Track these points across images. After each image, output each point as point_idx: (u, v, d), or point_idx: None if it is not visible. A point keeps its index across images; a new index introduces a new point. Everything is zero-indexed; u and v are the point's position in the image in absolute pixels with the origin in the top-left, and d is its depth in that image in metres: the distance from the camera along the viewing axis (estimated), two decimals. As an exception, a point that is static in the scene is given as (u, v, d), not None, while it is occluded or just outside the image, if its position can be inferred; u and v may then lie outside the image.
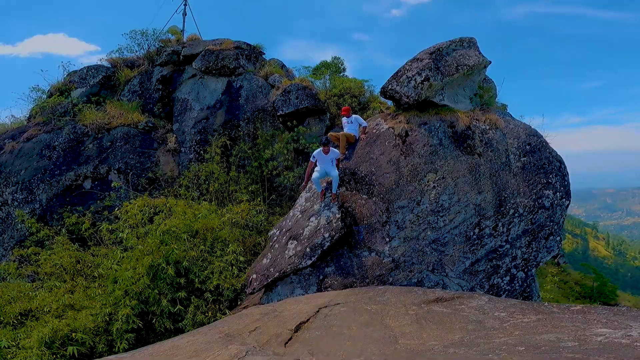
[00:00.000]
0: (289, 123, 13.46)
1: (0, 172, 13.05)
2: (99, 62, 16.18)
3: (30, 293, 8.24)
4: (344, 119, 9.50)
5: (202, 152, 13.56)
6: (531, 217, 8.60)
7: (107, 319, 7.15)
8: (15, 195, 12.81)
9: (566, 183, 9.06)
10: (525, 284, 8.56)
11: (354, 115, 9.46)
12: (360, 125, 9.36)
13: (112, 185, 12.23)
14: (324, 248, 7.69)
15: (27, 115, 15.18)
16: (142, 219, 9.53)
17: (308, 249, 7.69)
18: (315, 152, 8.43)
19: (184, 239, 8.66)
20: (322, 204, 8.27)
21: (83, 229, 10.31)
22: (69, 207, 12.32)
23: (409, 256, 7.88)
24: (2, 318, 7.52)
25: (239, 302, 8.37)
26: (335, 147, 9.18)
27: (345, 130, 9.38)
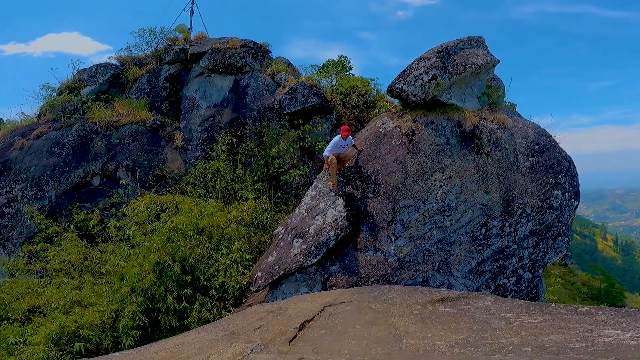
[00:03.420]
0: (295, 121, 13.46)
1: (10, 168, 13.19)
2: (108, 61, 16.31)
3: (39, 289, 8.31)
4: (341, 141, 8.69)
5: (208, 149, 13.60)
6: (539, 217, 8.53)
7: (114, 315, 7.20)
8: (25, 191, 12.94)
9: (575, 183, 8.97)
10: (531, 285, 8.49)
11: (349, 137, 8.88)
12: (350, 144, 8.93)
13: (120, 182, 12.29)
14: (329, 247, 7.68)
15: (37, 113, 15.33)
16: (149, 216, 9.59)
17: (313, 248, 7.69)
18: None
19: (190, 237, 8.70)
20: (328, 202, 8.26)
21: (91, 226, 10.40)
22: (77, 203, 12.43)
23: (415, 255, 7.85)
24: (10, 314, 7.60)
25: (243, 300, 8.40)
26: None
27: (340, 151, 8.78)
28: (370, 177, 8.50)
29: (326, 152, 8.57)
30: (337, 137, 8.63)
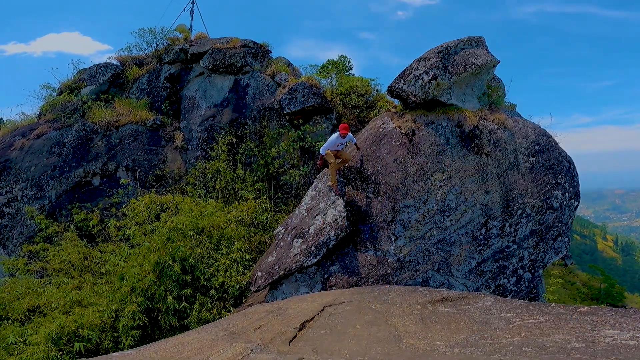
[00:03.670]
0: (295, 121, 13.46)
1: (10, 168, 13.20)
2: (108, 60, 16.32)
3: (39, 289, 8.31)
4: (339, 139, 8.53)
5: (209, 149, 13.61)
6: (539, 217, 8.53)
7: (114, 315, 7.20)
8: (25, 191, 12.95)
9: (575, 184, 8.97)
10: (531, 285, 8.49)
11: (349, 134, 8.71)
12: (351, 142, 8.94)
13: (120, 182, 12.31)
14: (329, 247, 7.68)
15: (38, 113, 15.34)
16: (149, 216, 9.60)
17: (313, 248, 7.69)
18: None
19: (190, 237, 8.69)
20: (328, 202, 8.26)
21: (91, 226, 10.41)
22: (77, 203, 12.43)
23: (415, 256, 7.85)
24: (10, 314, 7.60)
25: (243, 300, 8.40)
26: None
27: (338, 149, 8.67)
28: (370, 177, 8.50)
29: (322, 150, 8.56)
30: (334, 135, 8.56)
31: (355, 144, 8.99)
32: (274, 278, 7.79)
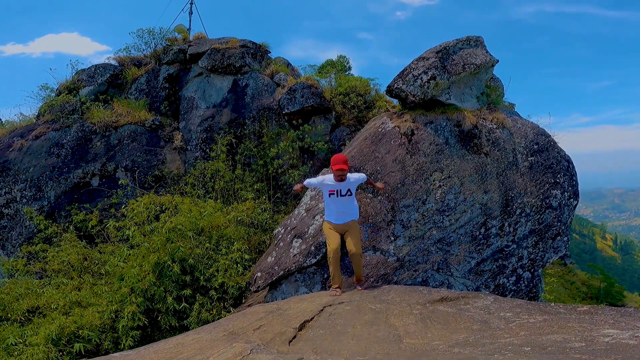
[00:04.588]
0: (294, 121, 13.46)
1: (9, 169, 13.18)
2: (106, 61, 16.29)
3: (38, 290, 8.31)
4: (331, 181, 6.27)
5: (208, 150, 13.60)
6: (538, 217, 8.54)
7: (113, 316, 7.20)
8: (24, 192, 12.93)
9: (574, 183, 8.98)
10: (531, 284, 8.50)
11: (351, 175, 6.46)
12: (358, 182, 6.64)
13: (119, 182, 12.30)
14: (329, 247, 7.68)
15: (36, 114, 15.31)
16: (149, 216, 9.59)
17: (313, 248, 7.69)
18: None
19: (190, 237, 8.69)
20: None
21: (90, 226, 10.40)
22: (76, 204, 12.42)
23: (414, 255, 7.86)
24: (9, 315, 7.60)
25: (243, 300, 8.40)
26: None
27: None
28: (369, 177, 8.50)
29: (305, 182, 6.89)
30: (326, 176, 6.63)
31: (370, 182, 7.09)
32: (274, 278, 7.79)
